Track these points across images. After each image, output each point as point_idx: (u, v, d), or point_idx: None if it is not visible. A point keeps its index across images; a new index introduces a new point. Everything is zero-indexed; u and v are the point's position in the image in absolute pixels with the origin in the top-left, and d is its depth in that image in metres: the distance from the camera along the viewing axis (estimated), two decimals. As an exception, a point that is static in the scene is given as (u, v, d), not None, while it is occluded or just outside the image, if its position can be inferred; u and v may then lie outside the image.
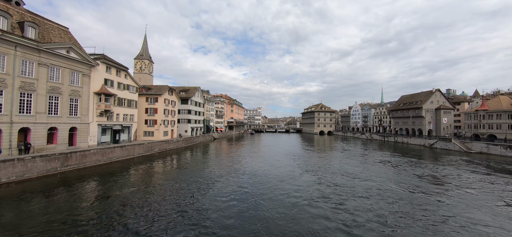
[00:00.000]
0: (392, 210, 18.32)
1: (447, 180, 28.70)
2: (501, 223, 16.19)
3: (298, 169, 34.23)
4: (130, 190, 22.14)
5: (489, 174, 32.22)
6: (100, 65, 37.63)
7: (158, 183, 25.27)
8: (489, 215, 17.69)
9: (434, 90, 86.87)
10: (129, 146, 40.10)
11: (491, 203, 20.29)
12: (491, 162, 43.07)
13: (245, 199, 20.49)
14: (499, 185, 26.61)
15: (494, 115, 66.80)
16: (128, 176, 27.82)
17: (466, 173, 33.08)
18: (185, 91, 72.33)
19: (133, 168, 32.49)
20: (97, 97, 37.22)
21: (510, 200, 21.20)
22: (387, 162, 41.67)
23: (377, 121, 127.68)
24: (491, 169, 35.80)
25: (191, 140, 66.78)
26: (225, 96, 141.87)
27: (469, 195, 22.61)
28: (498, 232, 14.81)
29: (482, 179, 29.51)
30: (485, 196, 22.52)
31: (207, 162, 39.19)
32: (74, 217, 15.77)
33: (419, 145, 74.36)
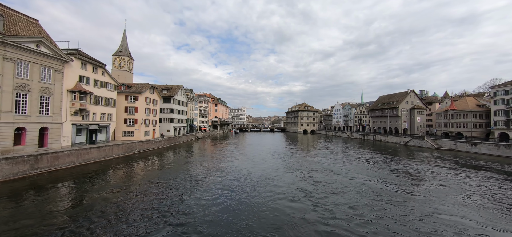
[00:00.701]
0: (369, 205, 19.22)
1: (420, 176, 30.64)
2: (464, 214, 17.63)
3: (282, 168, 34.73)
4: (109, 193, 21.18)
5: (456, 169, 34.89)
6: (74, 61, 35.49)
7: (138, 184, 24.41)
8: (455, 206, 19.18)
9: (409, 91, 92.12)
10: (107, 146, 38.28)
11: (457, 196, 22.01)
12: (458, 158, 46.65)
13: (230, 198, 20.45)
14: (464, 179, 28.91)
15: (461, 114, 72.29)
16: (106, 178, 26.57)
17: (437, 168, 35.53)
18: (167, 90, 70.35)
19: (111, 169, 31.07)
20: (71, 95, 35.07)
21: (471, 192, 23.13)
22: (366, 160, 43.58)
23: (357, 120, 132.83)
24: (458, 165, 38.75)
25: (174, 140, 65.15)
26: (209, 95, 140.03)
27: (438, 189, 24.34)
28: (460, 221, 16.13)
29: (450, 173, 31.89)
30: (452, 189, 24.36)
31: (190, 162, 38.49)
32: (46, 223, 14.80)
33: (395, 143, 78.51)
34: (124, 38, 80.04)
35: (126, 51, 79.36)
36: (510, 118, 59.41)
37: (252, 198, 20.46)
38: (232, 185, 24.81)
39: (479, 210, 18.36)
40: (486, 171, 33.36)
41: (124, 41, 79.92)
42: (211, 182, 25.63)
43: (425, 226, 15.30)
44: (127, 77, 77.41)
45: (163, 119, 66.68)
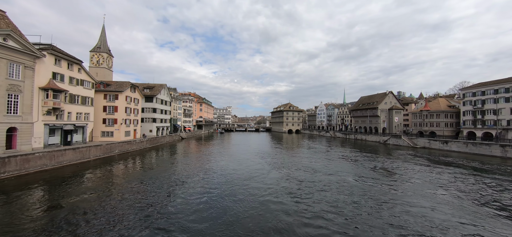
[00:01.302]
0: (348, 201, 19.96)
1: (396, 172, 32.31)
2: (433, 206, 18.89)
3: (267, 167, 35.02)
4: (86, 196, 20.16)
5: (429, 166, 37.20)
6: (47, 56, 33.32)
7: (119, 187, 23.47)
8: (428, 200, 20.47)
9: (388, 92, 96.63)
10: (84, 148, 36.37)
11: (429, 190, 23.49)
12: (431, 155, 49.75)
13: (214, 199, 20.28)
14: (436, 174, 30.91)
15: (434, 114, 77.10)
16: (83, 181, 25.26)
17: (412, 165, 37.65)
18: (150, 88, 68.18)
19: (89, 172, 29.58)
20: (44, 93, 32.91)
21: (441, 187, 24.81)
22: (347, 158, 45.15)
23: (340, 120, 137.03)
24: (431, 161, 41.33)
25: (157, 140, 63.30)
26: (194, 95, 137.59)
27: (413, 184, 25.82)
28: (429, 213, 17.28)
29: (424, 170, 33.94)
30: (426, 184, 25.96)
31: (174, 163, 37.63)
32: (15, 231, 13.80)
33: (375, 142, 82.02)
34: (103, 34, 76.39)
35: (105, 48, 75.79)
36: (477, 118, 64.34)
37: (237, 198, 20.46)
38: (217, 185, 24.63)
39: (447, 203, 19.74)
40: (455, 167, 35.90)
41: (103, 37, 76.27)
42: (195, 183, 25.25)
43: (398, 219, 16.20)
44: (106, 75, 73.96)
45: (145, 119, 64.55)
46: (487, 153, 49.71)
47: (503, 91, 58.52)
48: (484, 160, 43.67)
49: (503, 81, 60.29)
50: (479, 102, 63.97)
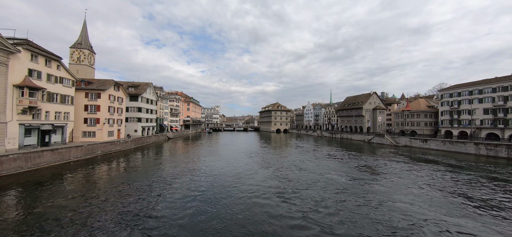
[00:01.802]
0: (334, 198, 20.48)
1: (380, 170, 33.51)
2: (412, 201, 19.81)
3: (255, 166, 35.10)
4: (66, 199, 19.24)
5: (409, 163, 38.90)
6: (22, 52, 31.39)
7: (101, 189, 22.60)
8: (408, 196, 21.42)
9: (372, 93, 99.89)
10: (63, 149, 34.67)
11: (409, 186, 24.58)
12: (412, 153, 52.07)
13: (202, 200, 20.06)
14: (416, 171, 32.40)
15: (415, 114, 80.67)
16: (63, 184, 24.09)
17: (394, 163, 39.20)
18: (134, 87, 66.12)
19: (69, 174, 28.24)
20: (19, 91, 30.99)
21: (420, 183, 26.06)
22: (333, 157, 46.23)
23: (327, 120, 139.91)
24: (412, 159, 43.24)
25: (142, 140, 61.55)
26: (181, 94, 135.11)
27: (395, 181, 26.90)
28: (409, 208, 18.10)
29: (405, 167, 35.45)
30: (406, 181, 27.13)
31: (160, 164, 36.78)
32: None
33: (360, 141, 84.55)
34: (84, 30, 73.10)
35: (87, 44, 72.58)
36: (453, 117, 68.07)
37: (224, 199, 20.36)
38: (204, 186, 24.37)
39: (425, 198, 20.77)
40: (433, 164, 37.81)
41: (84, 32, 72.98)
42: (182, 184, 24.84)
43: (380, 214, 16.85)
44: (87, 72, 70.87)
45: (130, 119, 62.55)
46: (463, 151, 52.75)
47: (477, 92, 62.30)
48: (459, 157, 46.31)
49: (476, 83, 64.23)
50: (455, 102, 67.71)
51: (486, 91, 60.38)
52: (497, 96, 57.46)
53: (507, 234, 14.40)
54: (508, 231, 14.72)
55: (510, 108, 54.73)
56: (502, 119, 56.09)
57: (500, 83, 57.50)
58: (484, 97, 60.55)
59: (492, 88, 58.87)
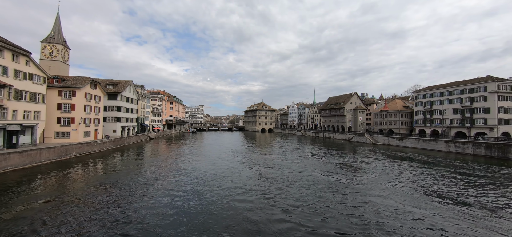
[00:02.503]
0: (317, 195, 21.04)
1: (359, 167, 34.91)
2: (388, 196, 20.91)
3: (240, 165, 35.05)
4: (37, 204, 17.95)
5: (386, 161, 40.93)
6: (-15, 46, 28.80)
7: (77, 192, 21.37)
8: (384, 191, 22.53)
9: (353, 94, 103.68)
10: (33, 150, 32.31)
11: (387, 182, 25.87)
12: (389, 151, 54.80)
13: (185, 201, 19.66)
14: (392, 168, 34.17)
15: (392, 114, 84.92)
16: (33, 188, 22.44)
17: (372, 160, 41.03)
18: (113, 85, 63.16)
19: (39, 177, 26.36)
20: (-19, 88, 28.40)
21: (396, 178, 27.54)
22: (316, 155, 47.42)
23: (310, 119, 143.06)
24: (389, 157, 45.51)
25: (122, 141, 59.00)
26: (163, 92, 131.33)
27: (373, 178, 28.17)
28: (385, 202, 19.11)
29: (382, 164, 37.24)
30: (383, 177, 28.51)
31: (141, 165, 35.50)
32: None
33: (342, 140, 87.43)
34: (58, 23, 68.48)
35: (60, 38, 68.07)
36: (426, 117, 72.59)
37: (208, 199, 20.13)
38: (188, 186, 23.92)
39: (399, 193, 21.99)
40: (408, 161, 40.09)
41: (58, 26, 68.36)
42: (165, 184, 24.19)
43: (358, 209, 17.61)
44: (61, 68, 66.49)
45: (108, 118, 59.70)
46: (434, 148, 56.45)
47: (447, 94, 66.96)
48: (432, 154, 49.51)
49: (446, 85, 69.02)
50: (428, 103, 72.26)
51: (455, 93, 65.07)
52: (465, 98, 62.15)
53: (469, 221, 15.63)
54: (469, 219, 15.99)
55: (476, 108, 59.44)
56: (468, 118, 60.76)
57: (467, 85, 62.26)
58: (453, 98, 65.21)
59: (460, 90, 63.59)
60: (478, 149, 48.36)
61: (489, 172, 31.92)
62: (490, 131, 55.82)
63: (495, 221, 16.14)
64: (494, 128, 55.28)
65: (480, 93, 58.72)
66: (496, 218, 16.56)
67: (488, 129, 56.28)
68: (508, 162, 39.63)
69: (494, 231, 14.57)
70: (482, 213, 17.53)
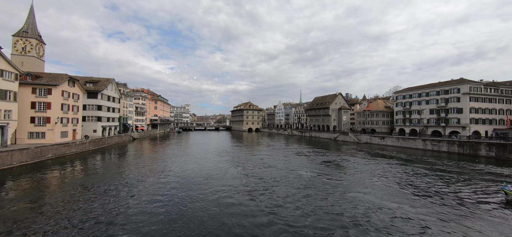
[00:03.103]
0: (302, 193, 21.42)
1: (343, 165, 35.96)
2: (369, 191, 21.77)
3: (226, 165, 34.86)
4: (8, 210, 16.77)
5: (368, 158, 42.48)
6: None
7: (53, 195, 20.21)
8: (366, 187, 23.39)
9: (338, 94, 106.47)
10: (4, 152, 30.14)
11: (368, 179, 26.86)
12: (371, 149, 56.89)
13: (170, 202, 19.23)
14: (374, 165, 35.53)
15: (374, 114, 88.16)
16: (4, 192, 20.93)
17: (355, 158, 42.41)
18: (93, 83, 60.36)
19: (10, 181, 24.65)
20: None
21: (377, 175, 28.68)
22: (302, 154, 48.23)
23: (297, 119, 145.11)
24: (371, 155, 47.25)
25: (103, 141, 56.56)
26: (148, 91, 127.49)
27: (356, 175, 29.14)
28: (366, 197, 19.87)
29: (365, 162, 38.60)
30: (365, 174, 29.57)
31: (124, 166, 34.25)
32: None
33: (327, 139, 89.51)
34: (32, 16, 64.25)
35: (34, 33, 63.93)
36: (406, 117, 76.12)
37: (194, 199, 19.85)
38: (173, 187, 23.41)
39: (379, 188, 22.95)
40: (389, 159, 41.87)
41: (32, 19, 64.14)
42: (149, 186, 23.51)
43: (341, 205, 18.18)
44: (35, 65, 62.47)
45: (88, 118, 56.97)
46: (413, 146, 59.37)
47: (424, 95, 70.63)
48: (410, 152, 52.04)
49: (424, 87, 72.77)
50: (407, 104, 75.81)
51: (431, 94, 68.78)
52: (440, 99, 65.88)
53: (442, 214, 16.63)
54: (442, 212, 17.02)
55: (450, 109, 63.22)
56: (444, 118, 64.48)
57: (442, 87, 66.03)
58: (430, 99, 68.89)
59: (436, 91, 67.31)
60: (452, 147, 51.47)
61: (460, 168, 34.08)
62: (463, 130, 59.60)
63: (462, 211, 17.27)
64: (466, 127, 59.09)
65: (454, 95, 62.51)
66: (465, 209, 17.72)
67: (461, 128, 60.06)
68: (479, 159, 42.56)
69: (461, 219, 15.60)
70: (451, 204, 18.69)
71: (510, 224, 15.71)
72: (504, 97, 62.42)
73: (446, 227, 15.00)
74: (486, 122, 59.84)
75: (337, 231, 14.42)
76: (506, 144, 43.17)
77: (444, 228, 14.85)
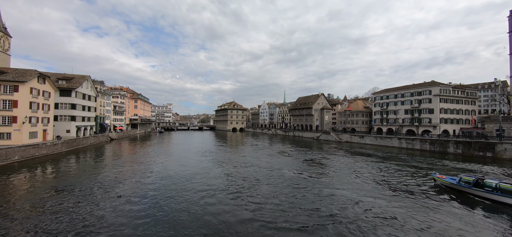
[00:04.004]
0: (284, 192, 21.77)
1: (324, 163, 37.02)
2: (349, 188, 22.66)
3: (210, 165, 34.44)
4: (-38, 218, 15.26)
5: (348, 156, 44.11)
6: None
7: (19, 202, 18.71)
8: (346, 184, 24.30)
9: (320, 94, 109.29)
10: (-39, 154, 27.39)
11: (348, 176, 27.90)
12: (352, 147, 59.12)
13: (150, 205, 18.61)
14: (353, 163, 36.98)
15: (354, 114, 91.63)
16: (-42, 198, 19.03)
17: (336, 156, 43.85)
18: (67, 80, 56.70)
19: (-31, 185, 22.46)
20: None
21: (356, 172, 29.87)
22: (285, 153, 48.96)
23: (281, 118, 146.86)
24: (351, 153, 49.10)
25: (77, 142, 53.36)
26: (127, 89, 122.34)
27: (336, 172, 30.14)
28: (344, 193, 20.67)
29: (345, 160, 40.05)
30: (345, 171, 30.69)
31: (101, 168, 32.55)
32: None
33: (310, 138, 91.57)
34: (-5, 7, 58.81)
35: (-2, 25, 58.63)
36: (383, 117, 80.00)
37: (176, 201, 19.40)
38: (153, 189, 22.69)
39: (357, 184, 23.96)
40: (367, 157, 43.78)
41: (-5, 10, 58.72)
42: (128, 188, 22.57)
43: (321, 202, 18.76)
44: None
45: (61, 117, 53.40)
46: (389, 145, 62.56)
47: (400, 96, 74.70)
48: (387, 150, 54.81)
49: (399, 88, 76.96)
50: (384, 104, 79.71)
51: (406, 95, 72.91)
52: (414, 100, 70.05)
53: (414, 208, 17.76)
54: (414, 205, 18.17)
55: (423, 109, 67.44)
56: (417, 118, 68.63)
57: (415, 89, 70.25)
58: (404, 100, 73.00)
59: (410, 93, 71.47)
60: (424, 144, 54.96)
61: (430, 164, 36.51)
62: (434, 129, 63.87)
63: (429, 203, 18.56)
64: (437, 127, 63.40)
65: (426, 96, 66.77)
66: (432, 202, 19.04)
67: (432, 127, 64.32)
68: (448, 156, 45.87)
69: (426, 210, 16.77)
70: (420, 197, 20.00)
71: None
72: (469, 99, 67.80)
73: (411, 215, 16.02)
74: (454, 121, 64.62)
75: (316, 225, 14.86)
76: (471, 142, 46.92)
77: (408, 216, 15.85)
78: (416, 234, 13.98)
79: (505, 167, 34.63)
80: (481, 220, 16.34)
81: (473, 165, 36.37)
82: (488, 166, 35.65)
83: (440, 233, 14.21)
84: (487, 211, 17.76)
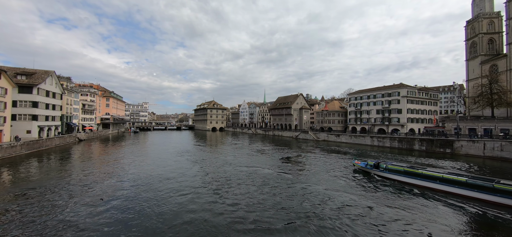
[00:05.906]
0: (262, 191, 22.02)
1: (302, 161, 38.07)
2: (323, 183, 23.57)
3: (188, 165, 33.61)
4: None
5: (324, 154, 45.82)
6: None
7: (-35, 210, 16.64)
8: (320, 181, 25.22)
9: (299, 94, 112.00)
10: None
11: (324, 174, 28.99)
12: (328, 146, 61.48)
13: (121, 209, 17.67)
14: (329, 160, 38.50)
15: (331, 113, 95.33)
16: None
17: (314, 154, 45.31)
18: (27, 75, 51.55)
19: None
20: None
21: (331, 169, 31.18)
22: (265, 152, 49.46)
23: (261, 118, 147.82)
24: (327, 151, 51.04)
25: (40, 143, 48.80)
26: (98, 87, 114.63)
27: (313, 169, 31.16)
28: (320, 190, 21.52)
29: (321, 157, 41.55)
30: (320, 168, 31.86)
31: (67, 170, 30.12)
32: None
33: (289, 137, 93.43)
34: None
35: None
36: (357, 116, 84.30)
37: (150, 203, 18.64)
38: (126, 191, 21.59)
39: (331, 181, 25.05)
40: (342, 154, 45.84)
41: None
42: (100, 191, 21.19)
43: (298, 197, 19.37)
44: None
45: (20, 116, 48.46)
46: (363, 143, 66.10)
47: (372, 97, 79.29)
48: (361, 148, 57.87)
49: (372, 90, 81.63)
50: (358, 104, 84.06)
51: (377, 96, 77.59)
52: (384, 100, 74.79)
53: (380, 201, 19.03)
54: (380, 198, 19.49)
55: (392, 109, 72.28)
56: (387, 118, 73.39)
57: (386, 90, 75.06)
58: (376, 101, 77.65)
59: (381, 94, 76.19)
60: (393, 142, 58.96)
61: (398, 161, 39.28)
62: (402, 127, 68.78)
63: (395, 197, 20.05)
64: (404, 125, 68.36)
65: (395, 97, 71.68)
66: (350, 181, 20.57)
67: (400, 126, 69.23)
68: (414, 152, 49.69)
69: (392, 201, 18.12)
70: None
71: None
72: (432, 100, 74.12)
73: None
74: (419, 121, 70.20)
75: (293, 220, 15.27)
76: (433, 139, 51.34)
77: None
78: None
79: (460, 161, 38.44)
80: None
81: (433, 160, 39.78)
82: (447, 161, 39.27)
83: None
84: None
